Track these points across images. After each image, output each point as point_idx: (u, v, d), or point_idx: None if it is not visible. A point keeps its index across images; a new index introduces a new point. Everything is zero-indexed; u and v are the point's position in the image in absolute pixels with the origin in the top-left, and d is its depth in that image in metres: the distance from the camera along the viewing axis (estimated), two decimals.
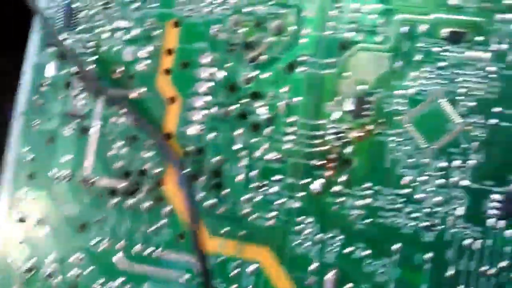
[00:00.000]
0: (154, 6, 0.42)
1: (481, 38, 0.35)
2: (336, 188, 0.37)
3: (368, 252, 0.36)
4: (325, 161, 0.37)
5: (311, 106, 0.38)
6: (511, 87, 0.34)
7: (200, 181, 0.40)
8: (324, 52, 0.38)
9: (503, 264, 0.34)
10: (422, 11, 0.36)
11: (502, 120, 0.34)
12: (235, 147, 0.39)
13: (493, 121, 0.34)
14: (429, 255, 0.35)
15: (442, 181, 0.35)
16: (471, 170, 0.35)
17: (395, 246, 0.36)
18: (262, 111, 0.39)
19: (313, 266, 0.37)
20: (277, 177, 0.38)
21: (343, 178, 0.37)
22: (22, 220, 0.44)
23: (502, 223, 0.34)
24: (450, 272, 0.34)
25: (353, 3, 0.37)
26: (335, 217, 0.37)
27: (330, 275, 0.37)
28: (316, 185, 0.37)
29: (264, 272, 0.38)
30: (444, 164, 0.35)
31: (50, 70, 0.45)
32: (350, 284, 0.36)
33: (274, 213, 0.38)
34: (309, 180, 0.38)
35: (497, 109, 0.34)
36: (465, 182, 0.35)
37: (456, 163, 0.35)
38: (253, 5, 0.40)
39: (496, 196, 0.34)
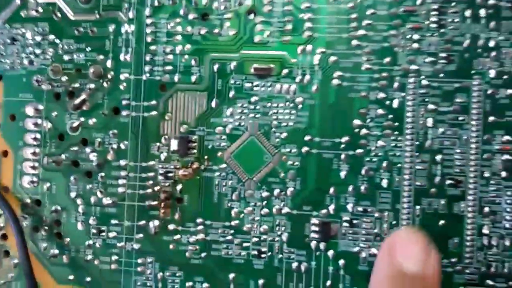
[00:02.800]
0: None
1: (286, 71, 0.34)
2: (171, 227, 0.36)
3: (207, 285, 0.35)
4: (158, 202, 0.36)
5: (139, 149, 0.36)
6: (316, 116, 0.34)
7: (41, 232, 0.38)
8: (145, 95, 0.36)
9: (328, 283, 0.34)
10: (230, 49, 0.35)
11: (313, 147, 0.34)
12: (71, 196, 0.37)
13: (304, 149, 0.34)
14: (261, 281, 0.35)
15: (266, 210, 0.35)
16: (290, 198, 0.34)
17: (230, 276, 0.35)
18: (92, 157, 0.37)
19: None
20: (115, 221, 0.37)
21: (176, 216, 0.36)
22: None
23: (322, 245, 0.34)
24: None
25: (165, 45, 0.36)
26: (173, 255, 0.36)
27: None
28: (152, 226, 0.36)
29: None
30: (266, 194, 0.35)
31: None
32: None
33: (116, 257, 0.37)
34: (145, 221, 0.36)
35: (307, 138, 0.34)
36: (286, 210, 0.34)
37: (276, 192, 0.34)
38: (71, 53, 0.37)
39: (315, 220, 0.34)
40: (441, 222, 0.32)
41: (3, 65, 0.39)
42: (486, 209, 0.32)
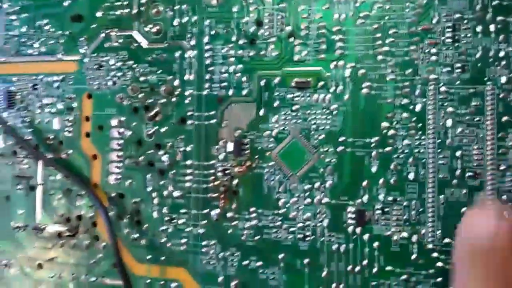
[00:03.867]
0: (70, 84, 0.35)
1: (321, 84, 0.30)
2: (229, 214, 0.31)
3: (260, 263, 0.31)
4: (218, 194, 0.32)
5: (201, 151, 0.32)
6: (349, 120, 0.29)
7: (124, 220, 0.34)
8: (205, 106, 0.32)
9: (365, 262, 0.29)
10: (274, 67, 0.31)
11: (346, 147, 0.29)
12: (147, 190, 0.33)
13: (340, 148, 0.29)
14: (306, 260, 0.30)
15: (308, 200, 0.30)
16: (329, 190, 0.30)
17: (280, 256, 0.30)
18: (164, 158, 0.33)
19: (220, 279, 0.31)
20: (183, 210, 0.33)
21: (233, 205, 0.31)
22: None
23: (358, 230, 0.29)
24: (325, 273, 0.29)
25: (221, 66, 0.32)
26: (231, 238, 0.32)
27: (233, 285, 0.31)
28: (214, 214, 0.32)
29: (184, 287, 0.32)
30: (308, 186, 0.30)
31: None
32: None
33: (185, 240, 0.32)
34: (208, 210, 0.32)
35: (341, 139, 0.29)
36: (326, 200, 0.30)
37: (317, 185, 0.30)
38: (146, 74, 0.33)
39: (351, 208, 0.29)
40: (463, 209, 0.27)
41: (92, 86, 0.35)
42: (504, 197, 0.26)
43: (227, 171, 0.32)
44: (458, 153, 0.28)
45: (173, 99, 0.33)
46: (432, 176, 0.28)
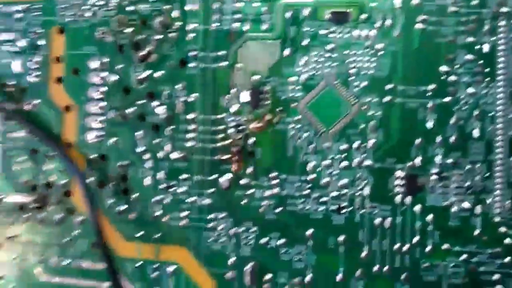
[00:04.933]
0: (36, 15, 0.32)
1: (364, 16, 0.27)
2: (244, 181, 0.30)
3: (283, 241, 0.29)
4: (229, 155, 0.30)
5: (208, 101, 0.30)
6: (399, 63, 0.27)
7: (107, 188, 0.31)
8: (213, 45, 0.30)
9: (415, 240, 0.27)
10: None
11: (396, 96, 0.27)
12: (137, 150, 0.31)
13: (387, 98, 0.28)
14: (341, 238, 0.28)
15: (345, 163, 0.28)
16: (372, 150, 0.28)
17: (308, 232, 0.29)
18: (160, 110, 0.30)
19: (231, 260, 0.30)
20: (184, 175, 0.30)
21: (249, 170, 0.30)
22: None
23: (409, 200, 0.27)
24: (364, 253, 0.28)
25: None
26: (247, 210, 0.30)
27: (248, 268, 0.29)
28: (224, 180, 0.30)
29: (183, 271, 0.31)
30: (345, 146, 0.28)
31: None
32: (269, 275, 0.29)
33: (186, 213, 0.31)
34: (216, 175, 0.30)
35: (389, 86, 0.27)
36: (368, 162, 0.28)
37: (356, 144, 0.28)
38: (136, 3, 0.31)
39: (399, 173, 0.27)
40: None
41: (65, 17, 0.32)
42: None
43: (241, 127, 0.30)
44: None
45: (171, 35, 0.30)
46: (502, 133, 0.26)
